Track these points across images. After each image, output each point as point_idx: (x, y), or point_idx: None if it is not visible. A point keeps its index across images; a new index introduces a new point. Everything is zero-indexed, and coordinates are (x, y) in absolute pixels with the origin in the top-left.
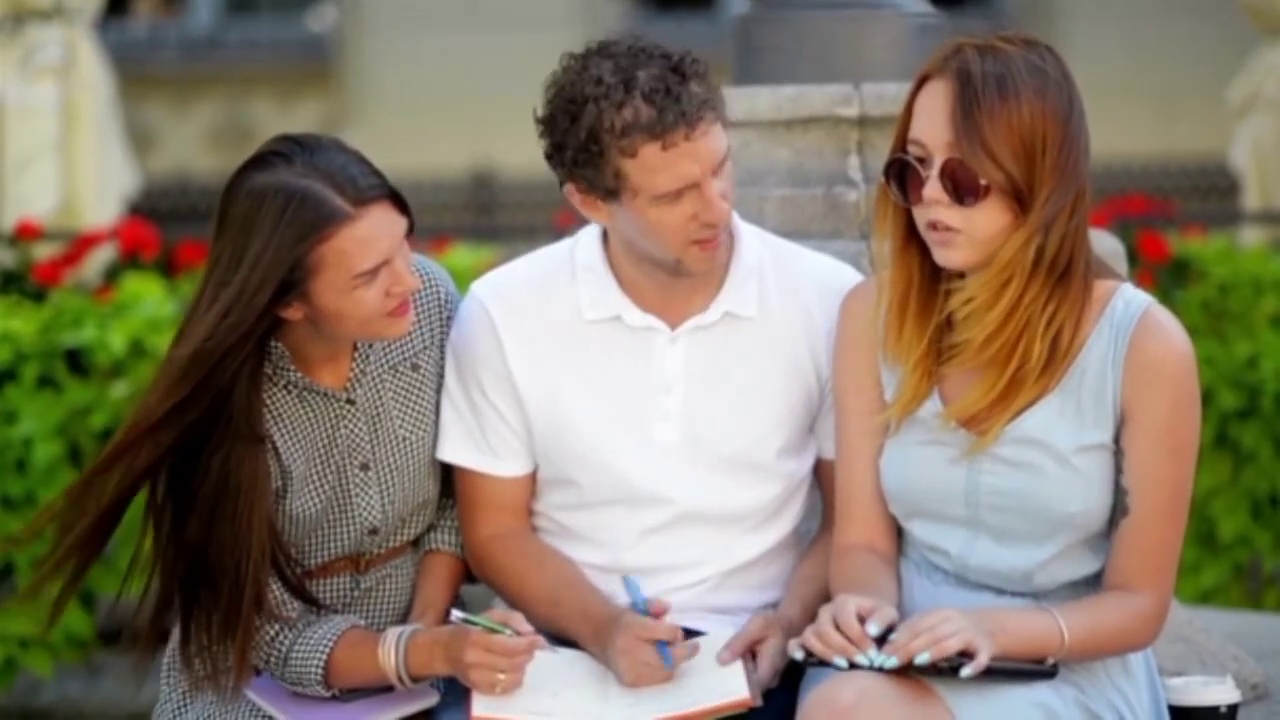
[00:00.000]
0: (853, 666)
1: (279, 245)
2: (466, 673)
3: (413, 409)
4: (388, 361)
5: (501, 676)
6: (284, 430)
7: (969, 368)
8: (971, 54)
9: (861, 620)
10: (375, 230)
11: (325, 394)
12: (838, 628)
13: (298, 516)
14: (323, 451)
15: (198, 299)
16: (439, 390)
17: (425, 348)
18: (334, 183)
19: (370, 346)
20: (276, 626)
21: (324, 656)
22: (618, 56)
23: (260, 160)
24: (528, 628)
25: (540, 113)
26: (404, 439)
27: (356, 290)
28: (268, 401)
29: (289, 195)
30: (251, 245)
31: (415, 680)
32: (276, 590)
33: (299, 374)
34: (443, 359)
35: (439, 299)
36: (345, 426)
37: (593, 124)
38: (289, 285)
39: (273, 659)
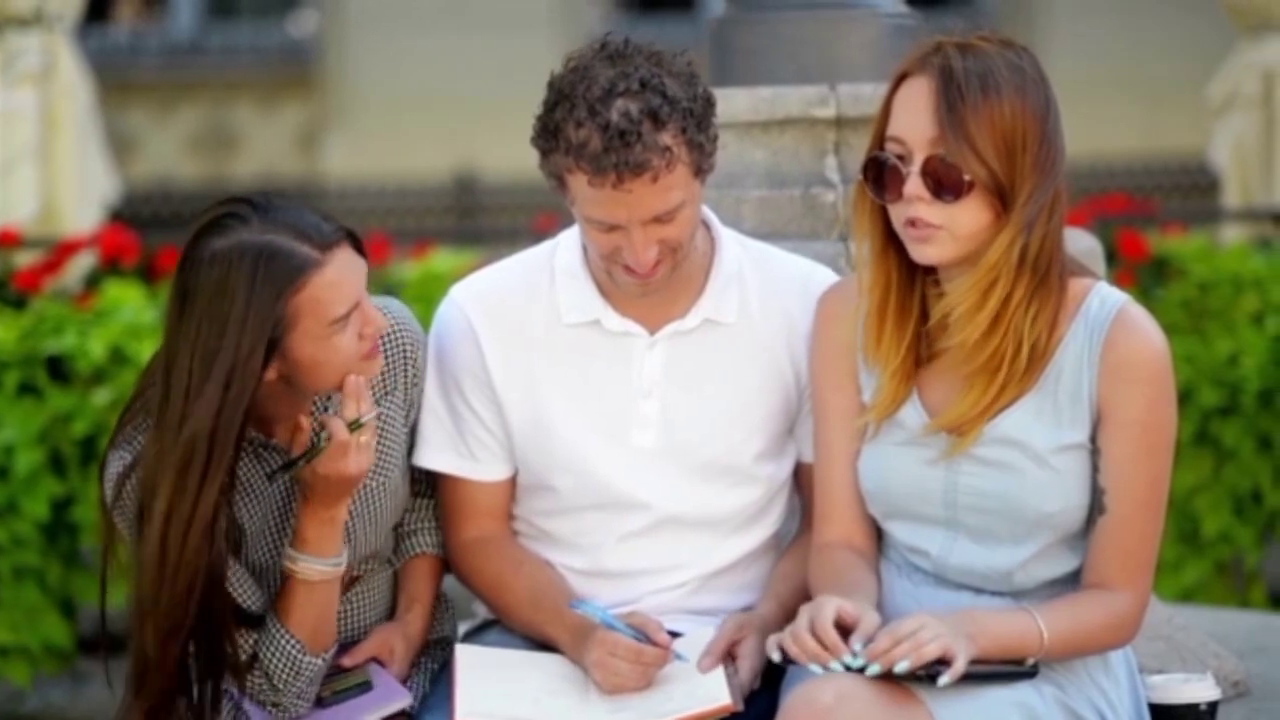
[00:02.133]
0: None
1: (260, 305)
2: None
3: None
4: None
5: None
6: (240, 489)
7: (949, 371)
8: (953, 51)
9: (841, 628)
10: (343, 273)
11: (283, 452)
12: (814, 633)
13: (255, 567)
14: (280, 507)
15: (184, 377)
16: (402, 433)
17: (389, 392)
18: (296, 232)
19: (329, 399)
20: (252, 670)
21: (290, 633)
22: (621, 71)
23: (214, 225)
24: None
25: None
26: (364, 487)
27: (333, 338)
28: None
29: (256, 253)
30: (231, 311)
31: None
32: (241, 639)
33: (254, 432)
34: (405, 400)
35: (400, 343)
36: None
37: (557, 122)
38: (272, 344)
39: (263, 691)
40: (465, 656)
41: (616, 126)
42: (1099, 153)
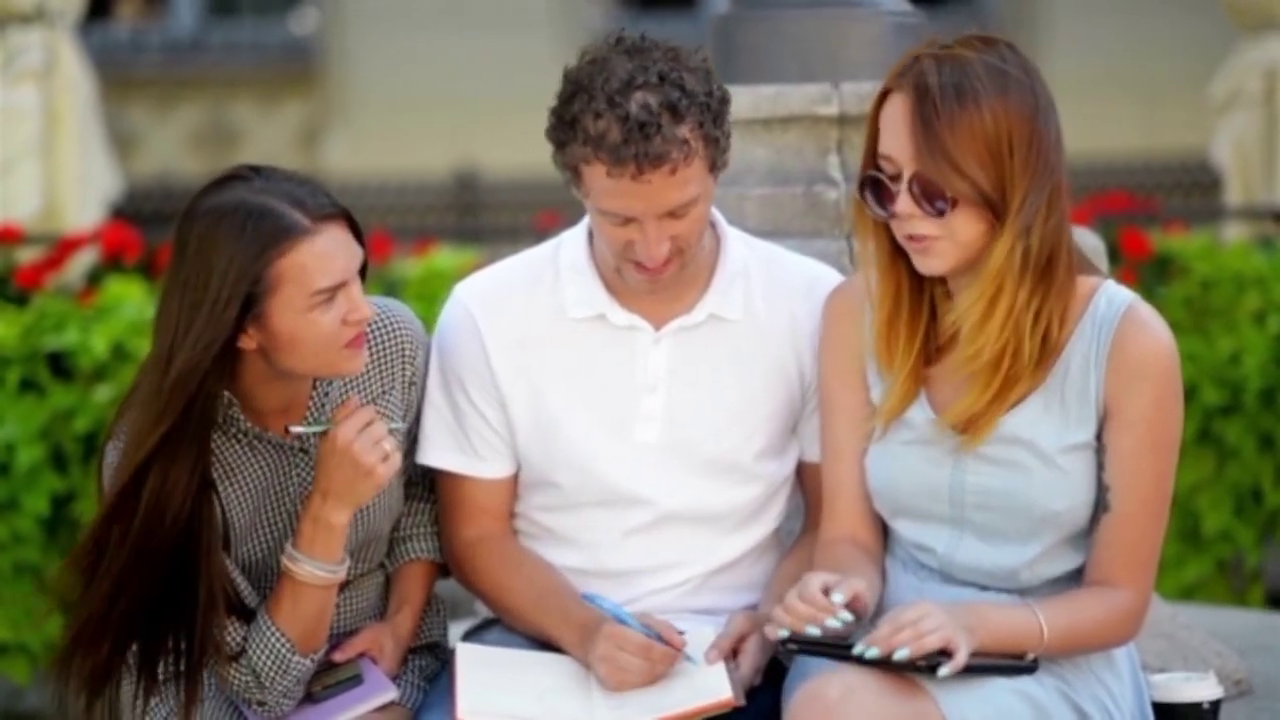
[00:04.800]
0: (834, 652)
1: (242, 260)
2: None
3: None
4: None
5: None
6: (231, 480)
7: (956, 370)
8: (929, 64)
9: (827, 593)
10: (333, 247)
11: (277, 444)
12: (802, 600)
13: (244, 562)
14: (273, 500)
15: (171, 324)
16: (396, 429)
17: (384, 391)
18: (291, 199)
19: (325, 395)
20: (239, 664)
21: (281, 631)
22: (639, 64)
23: (216, 184)
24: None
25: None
26: None
27: (313, 312)
28: (215, 450)
29: (248, 211)
30: (215, 264)
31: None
32: (232, 632)
33: (249, 423)
34: (403, 401)
35: (398, 342)
36: (297, 475)
37: (574, 113)
38: (250, 302)
39: (250, 688)
40: (466, 655)
41: (636, 118)
42: (1100, 151)
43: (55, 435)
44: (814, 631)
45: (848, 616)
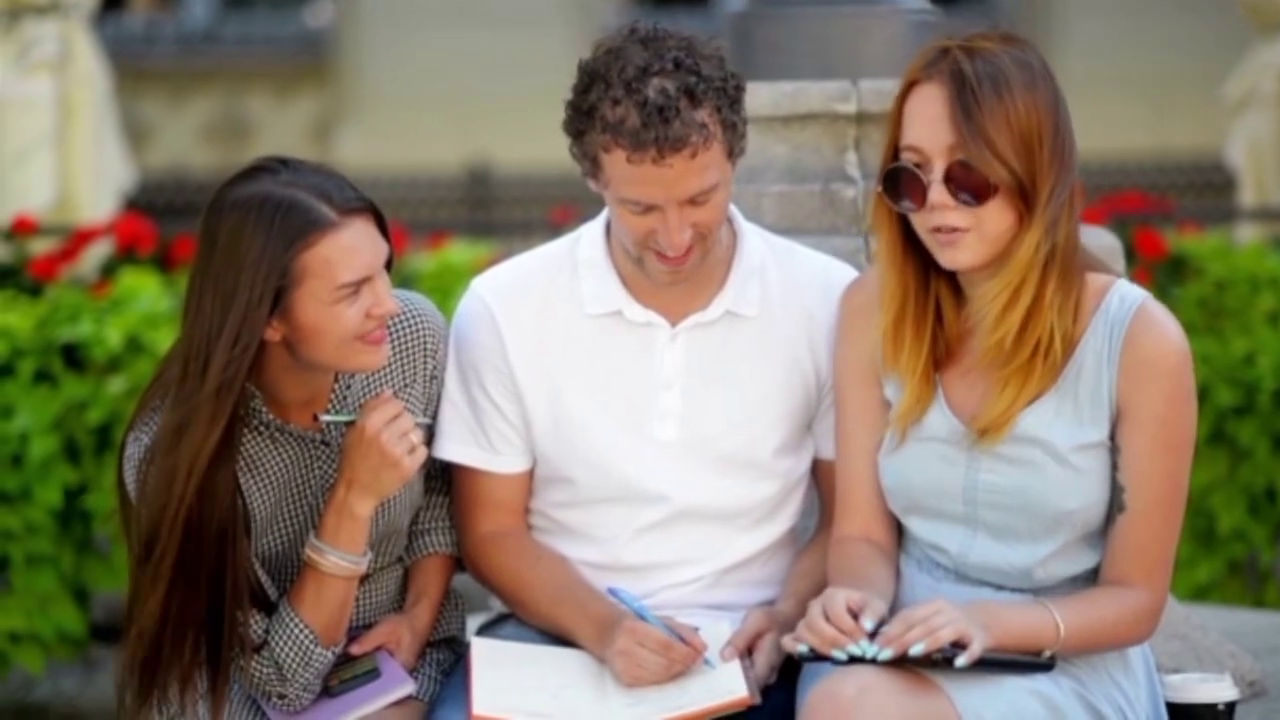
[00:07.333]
0: (850, 660)
1: (271, 255)
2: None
3: None
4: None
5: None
6: (253, 472)
7: (973, 371)
8: (960, 55)
9: (853, 614)
10: (359, 240)
11: (299, 436)
12: (829, 621)
13: (263, 555)
14: (295, 492)
15: (205, 321)
16: (422, 424)
17: (406, 384)
18: (319, 192)
19: (348, 388)
20: (261, 657)
21: (305, 623)
22: (655, 52)
23: (244, 175)
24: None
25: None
26: None
27: (338, 305)
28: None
29: (276, 203)
30: (245, 260)
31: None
32: (254, 624)
33: (271, 415)
34: (424, 394)
35: (420, 335)
36: (319, 468)
37: (592, 102)
38: (278, 295)
39: (271, 681)
40: (481, 650)
41: (655, 103)
42: (1111, 151)
43: (68, 427)
44: (840, 656)
45: (875, 650)
